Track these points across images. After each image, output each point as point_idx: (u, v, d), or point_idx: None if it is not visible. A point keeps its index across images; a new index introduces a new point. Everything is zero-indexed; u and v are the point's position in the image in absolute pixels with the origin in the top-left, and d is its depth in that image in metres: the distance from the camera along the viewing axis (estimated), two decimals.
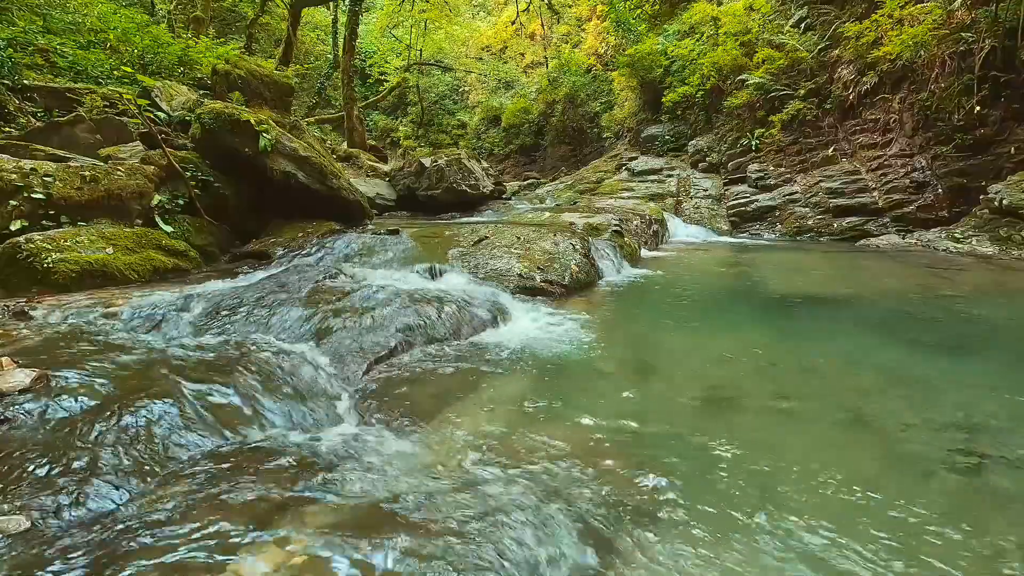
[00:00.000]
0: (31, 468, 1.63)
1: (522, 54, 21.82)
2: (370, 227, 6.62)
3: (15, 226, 4.11)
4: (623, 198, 10.68)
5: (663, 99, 12.49)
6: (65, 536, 1.43)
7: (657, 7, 14.55)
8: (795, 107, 9.68)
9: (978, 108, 7.34)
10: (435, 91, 22.65)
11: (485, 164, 11.87)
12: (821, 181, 9.09)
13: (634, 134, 13.87)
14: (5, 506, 1.48)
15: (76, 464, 1.67)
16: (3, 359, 2.16)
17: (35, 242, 3.92)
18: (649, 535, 1.59)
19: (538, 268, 4.86)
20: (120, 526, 1.48)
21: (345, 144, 14.37)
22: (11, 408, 1.86)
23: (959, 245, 7.07)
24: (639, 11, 14.89)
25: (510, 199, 11.37)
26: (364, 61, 20.31)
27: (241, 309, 3.44)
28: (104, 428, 1.83)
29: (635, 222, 7.65)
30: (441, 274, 4.71)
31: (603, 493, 1.79)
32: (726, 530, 1.62)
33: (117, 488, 1.63)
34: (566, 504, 1.71)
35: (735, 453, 2.08)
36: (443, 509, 1.63)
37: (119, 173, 4.87)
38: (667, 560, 1.49)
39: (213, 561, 1.35)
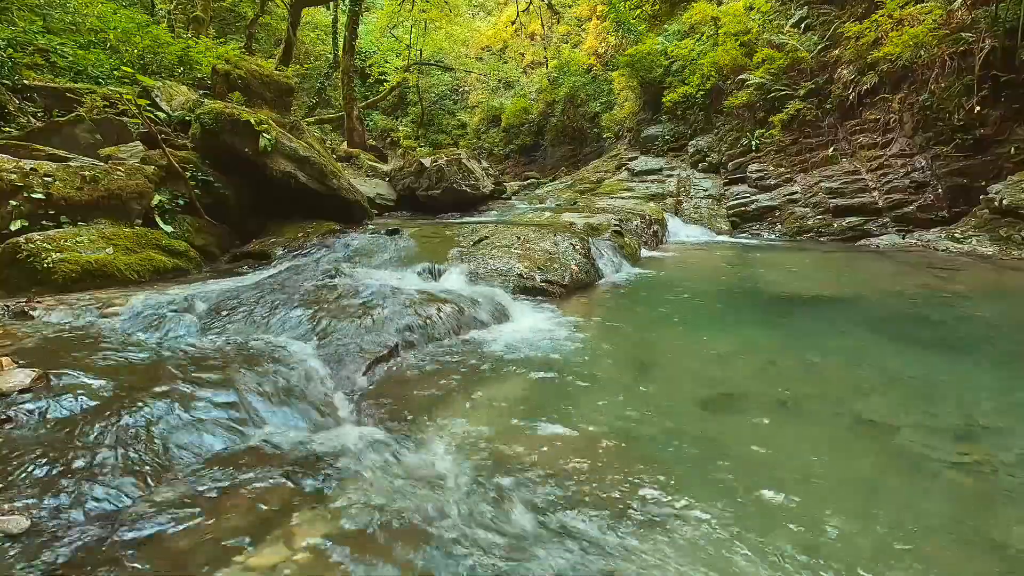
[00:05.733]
0: (31, 468, 1.63)
1: (522, 54, 21.79)
2: (370, 227, 6.62)
3: (15, 226, 4.11)
4: (623, 198, 10.67)
5: (663, 99, 12.47)
6: (65, 536, 1.43)
7: (657, 7, 14.54)
8: (795, 107, 9.67)
9: (978, 108, 7.33)
10: (435, 91, 22.62)
11: (485, 164, 11.87)
12: (821, 181, 9.08)
13: (634, 134, 13.86)
14: (5, 506, 1.48)
15: (76, 464, 1.67)
16: (3, 359, 2.16)
17: (35, 242, 3.92)
18: (650, 535, 1.59)
19: (538, 268, 4.86)
20: (120, 526, 1.48)
21: (345, 144, 14.37)
22: (11, 408, 1.86)
23: (959, 245, 7.07)
24: (639, 11, 14.87)
25: (510, 199, 11.36)
26: (364, 61, 20.29)
27: (241, 309, 3.45)
28: (104, 428, 1.83)
29: (635, 222, 7.65)
30: (441, 274, 4.71)
31: (604, 493, 1.79)
32: (727, 529, 1.62)
33: (117, 488, 1.63)
34: (567, 505, 1.71)
35: (735, 452, 2.08)
36: (443, 509, 1.63)
37: (119, 173, 4.87)
38: (668, 560, 1.49)
39: (214, 560, 1.35)
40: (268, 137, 5.63)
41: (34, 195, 4.25)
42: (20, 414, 1.85)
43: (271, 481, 1.72)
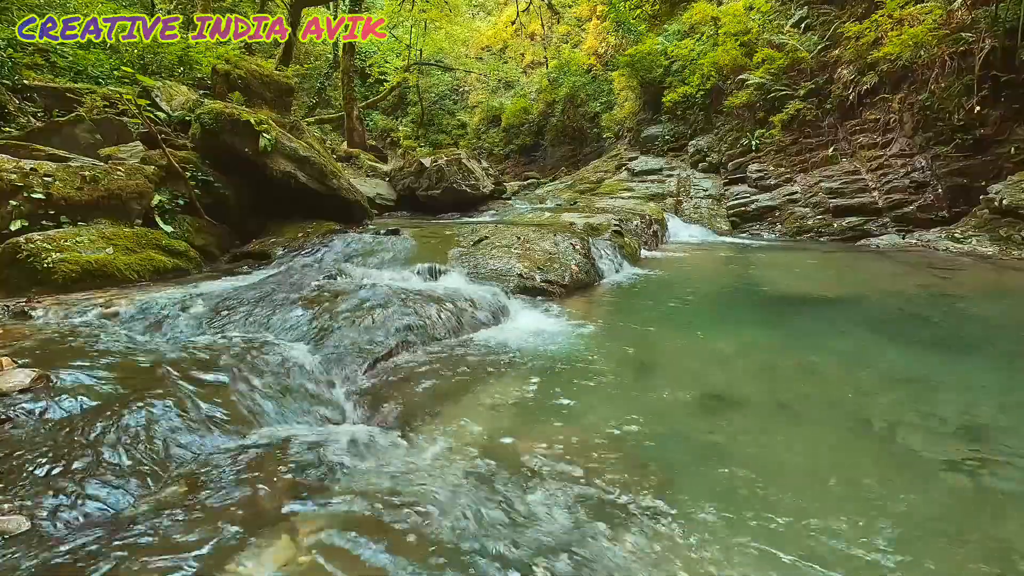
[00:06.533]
0: (31, 468, 1.63)
1: (522, 54, 21.79)
2: (370, 227, 6.62)
3: (15, 226, 4.10)
4: (623, 198, 10.67)
5: (663, 99, 12.47)
6: (65, 537, 1.43)
7: (657, 7, 14.54)
8: (795, 107, 9.67)
9: (978, 108, 7.33)
10: (435, 91, 22.61)
11: (485, 164, 11.88)
12: (821, 181, 9.08)
13: (634, 134, 13.86)
14: (5, 506, 1.48)
15: (76, 464, 1.67)
16: (3, 359, 2.16)
17: (35, 242, 3.92)
18: (649, 535, 1.59)
19: (538, 268, 4.86)
20: (120, 526, 1.48)
21: (345, 144, 14.38)
22: (11, 408, 1.86)
23: (959, 245, 7.07)
24: (639, 11, 14.87)
25: (510, 199, 11.36)
26: (364, 61, 20.29)
27: (241, 309, 3.45)
28: (104, 428, 1.83)
29: (635, 222, 7.65)
30: (441, 274, 4.71)
31: (603, 493, 1.79)
32: (726, 529, 1.62)
33: (117, 488, 1.63)
34: (566, 504, 1.70)
35: (735, 453, 2.08)
36: (443, 510, 1.63)
37: (119, 173, 4.86)
38: (668, 560, 1.49)
39: (215, 561, 1.35)
40: (268, 137, 5.62)
41: (34, 195, 4.25)
42: (20, 414, 1.85)
43: (272, 480, 1.72)
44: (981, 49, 7.23)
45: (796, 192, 9.37)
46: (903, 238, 8.00)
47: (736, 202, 9.93)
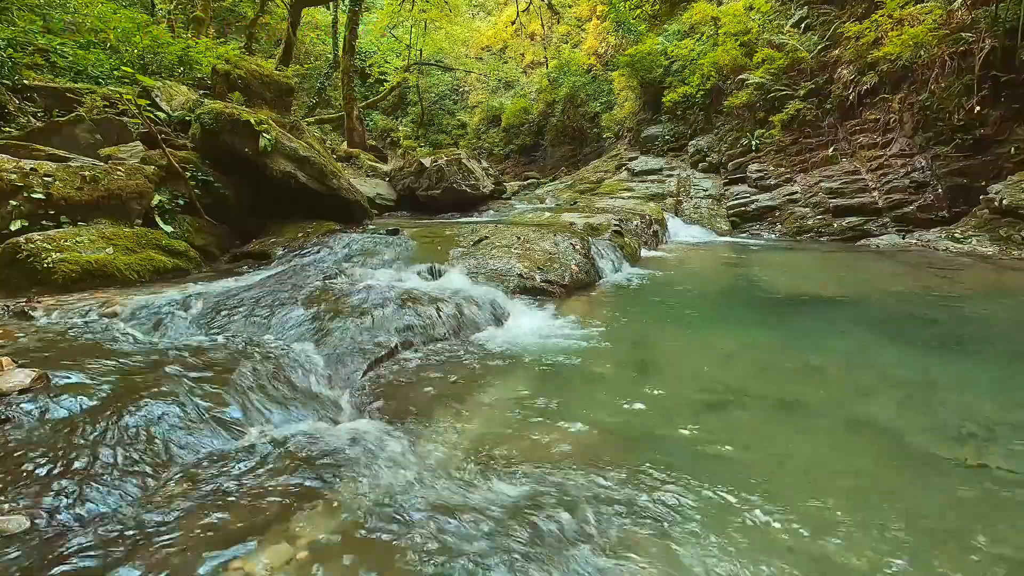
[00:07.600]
0: (31, 468, 1.63)
1: (522, 54, 21.79)
2: (370, 227, 6.62)
3: (15, 226, 4.10)
4: (623, 198, 10.67)
5: (663, 99, 12.47)
6: (65, 536, 1.43)
7: (657, 7, 14.54)
8: (795, 107, 9.67)
9: (978, 108, 7.33)
10: (435, 91, 22.62)
11: (485, 164, 11.88)
12: (821, 181, 9.08)
13: (634, 134, 13.85)
14: (5, 506, 1.48)
15: (76, 464, 1.67)
16: (3, 359, 2.16)
17: (35, 242, 3.92)
18: (649, 535, 1.59)
19: (538, 268, 4.86)
20: (121, 526, 1.48)
21: (345, 144, 14.38)
22: (11, 408, 1.86)
23: (959, 245, 7.07)
24: (639, 11, 14.88)
25: (510, 199, 11.36)
26: (364, 61, 20.29)
27: (241, 309, 3.44)
28: (104, 428, 1.83)
29: (635, 222, 7.65)
30: (441, 274, 4.71)
31: (603, 493, 1.78)
32: (727, 530, 1.62)
33: (117, 488, 1.63)
34: (566, 505, 1.70)
35: (736, 453, 2.08)
36: (443, 510, 1.63)
37: (119, 173, 4.86)
38: (668, 560, 1.49)
39: (216, 561, 1.35)
40: (268, 137, 5.62)
41: (34, 195, 4.25)
42: (20, 414, 1.85)
43: (272, 480, 1.72)
44: (981, 49, 7.23)
45: (796, 192, 9.37)
46: (903, 238, 7.99)
47: (736, 202, 9.93)
